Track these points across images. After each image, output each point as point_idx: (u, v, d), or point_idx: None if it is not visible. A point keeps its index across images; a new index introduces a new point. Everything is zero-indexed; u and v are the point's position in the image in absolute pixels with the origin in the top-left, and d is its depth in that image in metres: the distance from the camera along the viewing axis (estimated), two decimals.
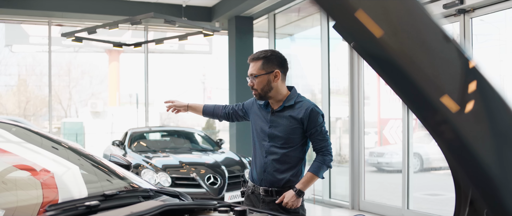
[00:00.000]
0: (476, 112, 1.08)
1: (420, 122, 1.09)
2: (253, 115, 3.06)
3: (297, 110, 2.89)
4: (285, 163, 2.90)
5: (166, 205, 1.74)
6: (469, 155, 1.10)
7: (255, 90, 2.90)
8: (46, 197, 1.98)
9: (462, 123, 1.07)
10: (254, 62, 2.90)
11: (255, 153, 3.02)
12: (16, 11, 9.30)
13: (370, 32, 1.03)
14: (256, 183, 2.99)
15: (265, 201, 2.93)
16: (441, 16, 1.00)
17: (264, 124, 2.96)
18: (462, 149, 1.10)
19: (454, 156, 1.15)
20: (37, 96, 20.38)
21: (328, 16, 1.07)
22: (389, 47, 1.06)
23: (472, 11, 5.50)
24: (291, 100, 2.92)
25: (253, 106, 3.08)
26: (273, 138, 2.90)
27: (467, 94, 1.08)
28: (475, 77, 1.10)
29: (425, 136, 8.39)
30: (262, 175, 2.94)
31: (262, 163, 2.94)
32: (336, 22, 1.07)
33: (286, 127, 2.88)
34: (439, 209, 6.47)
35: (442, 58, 1.10)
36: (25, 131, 2.40)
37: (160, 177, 6.36)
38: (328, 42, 7.97)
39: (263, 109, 3.00)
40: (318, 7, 1.06)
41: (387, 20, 1.06)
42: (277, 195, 2.90)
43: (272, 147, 2.91)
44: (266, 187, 2.93)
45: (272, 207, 2.88)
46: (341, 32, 2.01)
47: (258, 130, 2.98)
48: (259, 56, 2.90)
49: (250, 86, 2.92)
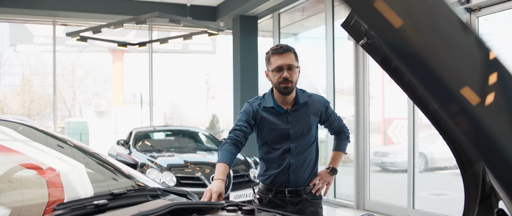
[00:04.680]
0: (497, 104, 1.06)
1: (444, 113, 1.08)
2: (263, 120, 2.86)
3: (312, 105, 2.87)
4: (310, 160, 2.90)
5: (174, 204, 1.73)
6: (492, 147, 1.08)
7: (290, 83, 2.75)
8: (52, 196, 1.98)
9: (483, 115, 1.06)
10: (287, 53, 2.76)
11: (271, 156, 2.88)
12: (21, 11, 9.31)
13: (390, 22, 1.02)
14: (279, 186, 2.87)
15: (294, 202, 2.86)
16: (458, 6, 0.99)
17: (282, 126, 2.83)
18: (485, 141, 1.08)
19: (477, 149, 1.13)
20: (41, 96, 20.41)
21: (347, 6, 1.06)
22: (409, 37, 1.04)
23: (478, 10, 5.47)
24: (303, 97, 2.87)
25: (262, 113, 2.86)
26: (297, 138, 2.82)
27: (487, 86, 1.06)
28: (496, 69, 1.08)
29: (430, 135, 8.36)
30: (289, 177, 2.84)
31: (287, 165, 2.83)
32: (354, 12, 1.06)
33: (307, 125, 2.84)
34: (445, 209, 6.44)
35: (462, 49, 1.09)
36: (31, 130, 2.39)
37: (165, 176, 6.35)
38: (332, 41, 7.95)
39: (273, 112, 2.85)
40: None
41: (407, 10, 1.04)
42: (305, 193, 2.87)
43: (297, 147, 2.83)
44: (293, 188, 2.86)
45: (301, 206, 2.86)
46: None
47: (277, 134, 2.83)
48: (290, 48, 2.78)
49: (284, 78, 2.73)
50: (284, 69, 2.74)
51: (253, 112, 2.87)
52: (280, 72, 2.75)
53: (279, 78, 2.75)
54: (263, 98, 2.92)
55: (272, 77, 2.80)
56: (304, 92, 2.93)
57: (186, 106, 24.11)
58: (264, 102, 2.89)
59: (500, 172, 1.13)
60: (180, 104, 23.83)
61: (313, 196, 2.92)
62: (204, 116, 23.42)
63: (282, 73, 2.74)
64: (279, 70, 2.75)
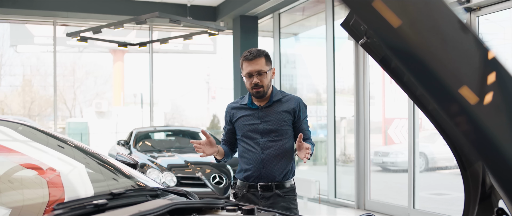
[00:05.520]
0: (496, 103, 1.06)
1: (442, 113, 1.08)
2: (238, 118, 3.04)
3: (286, 103, 2.98)
4: (283, 156, 2.95)
5: (174, 204, 1.73)
6: (490, 147, 1.08)
7: (261, 87, 2.90)
8: (53, 196, 1.98)
9: (481, 115, 1.06)
10: (257, 59, 2.90)
11: (245, 152, 3.00)
12: (21, 11, 9.31)
13: (388, 22, 1.02)
14: (253, 180, 2.97)
15: (265, 197, 2.94)
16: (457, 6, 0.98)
17: (254, 121, 2.97)
18: (483, 140, 1.08)
19: (476, 149, 1.13)
20: (41, 96, 20.43)
21: (345, 6, 1.06)
22: (407, 37, 1.05)
23: (479, 9, 5.47)
24: (277, 95, 3.01)
25: (235, 112, 3.07)
26: (267, 133, 2.93)
27: (486, 85, 1.06)
28: (494, 68, 1.08)
29: (431, 135, 8.36)
30: (260, 171, 2.94)
31: (259, 160, 2.93)
32: (353, 12, 1.06)
33: (278, 120, 2.94)
34: (445, 209, 6.45)
35: (460, 49, 1.09)
36: (31, 130, 2.39)
37: (166, 176, 6.35)
38: (333, 41, 7.95)
39: (247, 109, 3.02)
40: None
41: (405, 9, 1.05)
42: (276, 189, 2.93)
43: (267, 142, 2.93)
44: (265, 183, 2.94)
45: (273, 201, 2.92)
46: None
47: (248, 129, 2.98)
48: (260, 53, 2.93)
49: (254, 83, 2.89)
50: (253, 75, 2.90)
51: (228, 113, 3.12)
52: (251, 78, 2.92)
53: (250, 84, 2.93)
54: (243, 97, 3.12)
55: (245, 82, 2.99)
56: (281, 92, 3.06)
57: (187, 106, 24.13)
58: (241, 100, 3.11)
59: (499, 172, 1.13)
60: (181, 104, 23.86)
61: (286, 191, 2.97)
62: (204, 116, 23.44)
63: (252, 79, 2.91)
64: (250, 76, 2.93)
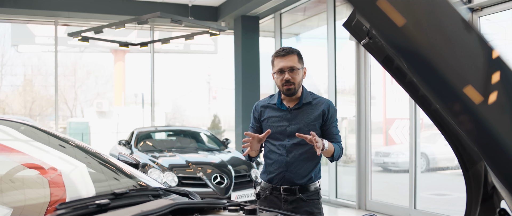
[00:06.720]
0: (500, 102, 1.06)
1: (446, 112, 1.08)
2: (266, 118, 2.97)
3: (316, 106, 2.92)
4: (308, 160, 2.89)
5: (176, 204, 1.73)
6: (495, 146, 1.08)
7: (292, 84, 2.85)
8: (54, 196, 1.98)
9: (486, 114, 1.06)
10: (290, 56, 2.86)
11: (270, 153, 2.95)
12: (22, 11, 9.31)
13: (392, 21, 1.02)
14: (276, 183, 2.92)
15: (288, 201, 2.88)
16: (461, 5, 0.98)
17: (282, 123, 2.91)
18: (487, 140, 1.08)
19: (480, 148, 1.13)
20: (43, 96, 20.46)
21: (350, 5, 1.05)
22: (411, 36, 1.04)
23: (480, 10, 5.46)
24: (307, 97, 2.94)
25: (264, 110, 3.00)
26: (294, 136, 2.84)
27: (490, 84, 1.06)
28: (498, 68, 1.08)
29: (432, 135, 8.35)
30: (284, 174, 2.88)
31: (283, 162, 2.88)
32: (358, 11, 1.06)
33: (306, 124, 2.88)
34: (446, 209, 6.44)
35: (465, 48, 1.08)
36: (32, 130, 2.39)
37: (167, 176, 6.35)
38: (334, 41, 7.94)
39: (276, 109, 2.95)
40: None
41: (410, 8, 1.04)
42: (300, 192, 2.87)
43: (293, 145, 2.87)
44: (288, 186, 2.88)
45: (296, 205, 2.86)
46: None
47: (275, 130, 2.91)
48: (293, 50, 2.89)
49: (286, 79, 2.83)
50: (285, 71, 2.85)
51: (255, 111, 3.05)
52: (282, 74, 2.86)
53: (281, 80, 2.87)
54: (272, 96, 3.05)
55: (276, 79, 2.92)
56: (311, 94, 2.99)
57: (188, 106, 24.16)
58: (271, 99, 3.03)
59: (503, 171, 1.13)
60: (182, 104, 23.88)
61: (310, 195, 2.91)
62: (205, 116, 23.46)
63: (283, 75, 2.85)
64: (281, 73, 2.87)
